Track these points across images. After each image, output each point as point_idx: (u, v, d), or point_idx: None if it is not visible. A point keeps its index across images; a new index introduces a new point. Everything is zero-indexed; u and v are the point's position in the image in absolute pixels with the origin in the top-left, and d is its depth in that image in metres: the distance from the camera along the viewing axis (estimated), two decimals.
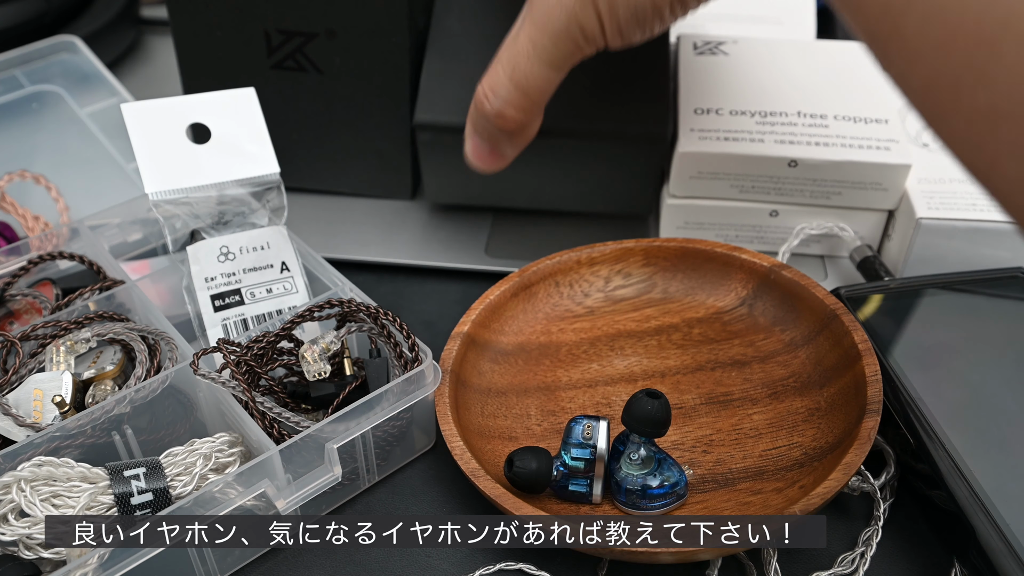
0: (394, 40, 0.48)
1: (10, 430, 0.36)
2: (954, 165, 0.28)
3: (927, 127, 0.25)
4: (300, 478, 0.35)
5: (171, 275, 0.44)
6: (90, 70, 0.56)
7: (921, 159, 0.47)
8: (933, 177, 0.47)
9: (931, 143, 0.49)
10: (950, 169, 0.47)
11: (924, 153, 0.48)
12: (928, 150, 0.48)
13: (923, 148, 0.48)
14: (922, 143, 0.49)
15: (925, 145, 0.49)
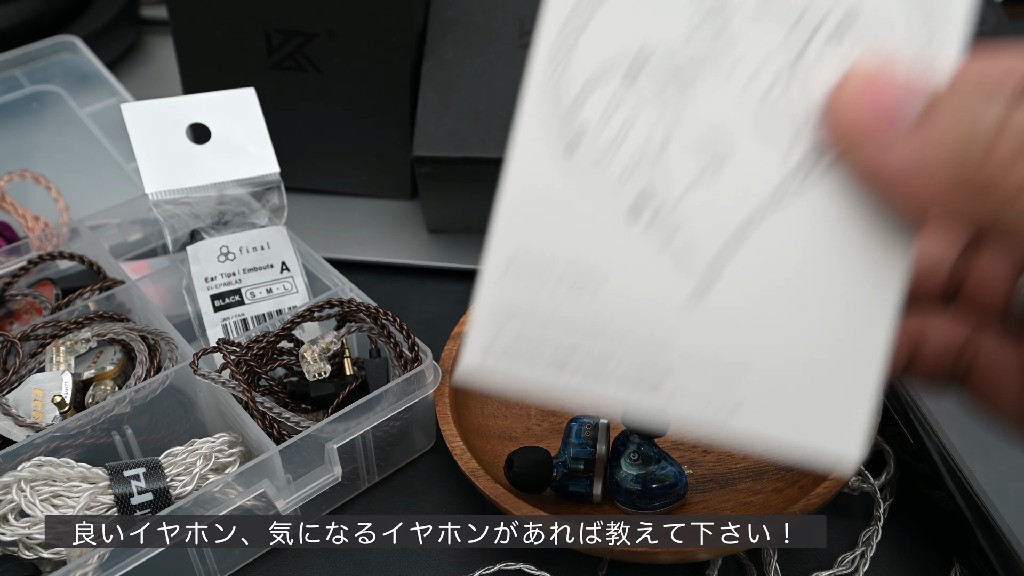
0: (394, 40, 0.48)
1: (10, 430, 0.36)
2: None
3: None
4: (300, 478, 0.35)
5: (171, 275, 0.44)
6: (90, 70, 0.56)
7: None
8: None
9: None
10: None
11: None
12: None
13: None
14: None
15: None
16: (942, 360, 0.28)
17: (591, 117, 0.24)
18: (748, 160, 0.23)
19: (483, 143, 0.46)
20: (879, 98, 0.21)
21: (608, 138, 0.24)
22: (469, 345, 0.24)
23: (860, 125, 0.22)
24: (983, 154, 0.20)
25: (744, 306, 0.24)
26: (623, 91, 0.24)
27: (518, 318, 0.24)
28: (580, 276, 0.24)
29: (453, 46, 0.49)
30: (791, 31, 0.23)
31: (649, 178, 0.24)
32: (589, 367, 0.24)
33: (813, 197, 0.23)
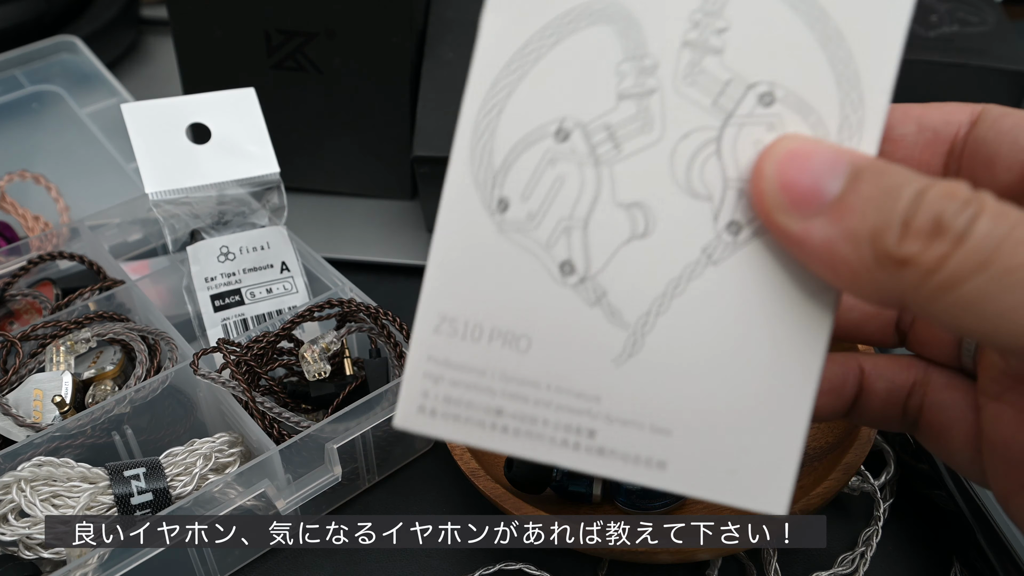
0: (394, 40, 0.48)
1: (10, 430, 0.36)
2: None
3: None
4: (300, 478, 0.35)
5: (171, 275, 0.44)
6: (90, 70, 0.56)
7: None
8: None
9: None
10: None
11: None
12: None
13: None
14: None
15: None
16: (890, 403, 0.28)
17: (520, 178, 0.24)
18: (679, 219, 0.24)
19: None
20: (801, 173, 0.22)
21: (538, 199, 0.24)
22: (402, 398, 0.25)
23: (783, 199, 0.22)
24: (901, 229, 0.20)
25: (672, 362, 0.24)
26: (552, 153, 0.24)
27: (449, 374, 0.25)
28: (511, 333, 0.24)
29: (453, 46, 0.49)
30: (717, 98, 0.24)
31: (580, 237, 0.24)
32: (519, 423, 0.24)
33: (742, 256, 0.24)
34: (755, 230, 0.24)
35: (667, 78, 0.24)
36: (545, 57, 0.24)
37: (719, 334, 0.24)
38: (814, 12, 0.23)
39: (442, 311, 0.25)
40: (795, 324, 0.24)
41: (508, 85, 0.24)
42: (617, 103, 0.24)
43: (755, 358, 0.24)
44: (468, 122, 0.25)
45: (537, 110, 0.24)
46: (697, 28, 0.23)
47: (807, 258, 0.22)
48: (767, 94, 0.23)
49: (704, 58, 0.23)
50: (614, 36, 0.24)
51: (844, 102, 0.23)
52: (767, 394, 0.24)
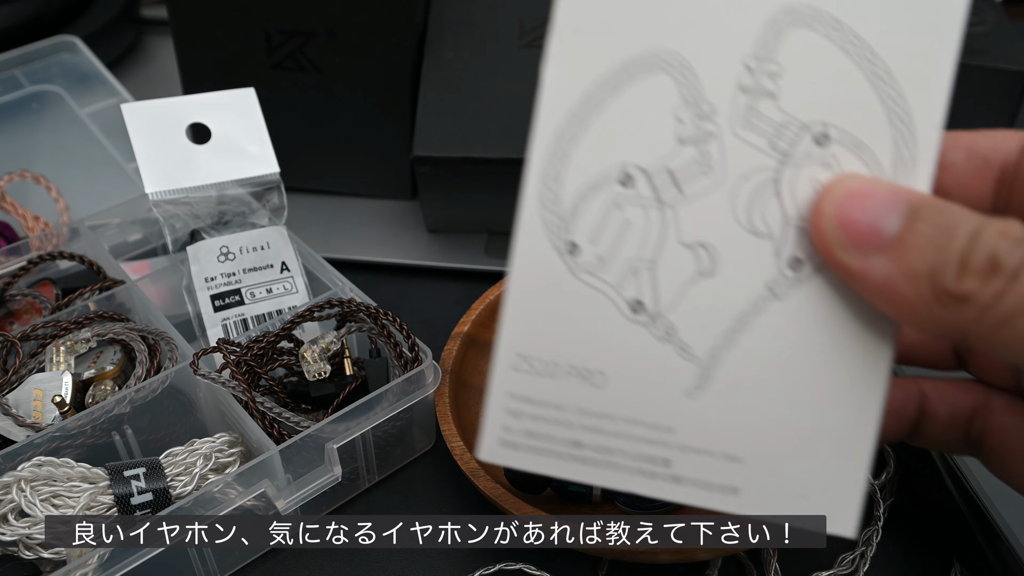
0: (394, 40, 0.48)
1: (10, 430, 0.36)
2: None
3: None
4: (300, 478, 0.35)
5: (171, 275, 0.44)
6: (90, 70, 0.56)
7: None
8: None
9: None
10: None
11: None
12: None
13: None
14: None
15: None
16: (952, 427, 0.29)
17: (588, 223, 0.25)
18: (742, 257, 0.25)
19: (483, 143, 0.46)
20: (860, 212, 0.23)
21: (606, 241, 0.25)
22: (484, 433, 0.26)
23: (842, 236, 0.23)
24: (959, 267, 0.21)
25: (741, 393, 0.25)
26: (618, 197, 0.25)
27: (529, 409, 0.26)
28: (586, 369, 0.25)
29: (453, 46, 0.49)
30: (774, 140, 0.24)
31: (648, 276, 0.25)
32: (597, 454, 0.25)
33: (805, 290, 0.25)
34: (816, 266, 0.24)
35: (724, 122, 0.24)
36: (606, 106, 0.25)
37: (785, 365, 0.25)
38: (864, 53, 0.24)
39: (520, 350, 0.26)
40: (858, 353, 0.24)
41: (572, 134, 0.25)
42: (678, 148, 0.25)
43: (821, 387, 0.25)
44: (536, 170, 0.25)
45: (601, 157, 0.25)
46: (751, 74, 0.24)
47: (867, 293, 0.23)
48: (822, 134, 0.24)
49: (759, 102, 0.24)
50: (671, 84, 0.24)
51: (897, 139, 0.24)
52: (834, 421, 0.25)
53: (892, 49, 0.24)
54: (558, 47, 0.25)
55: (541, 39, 0.49)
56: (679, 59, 0.24)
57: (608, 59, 0.25)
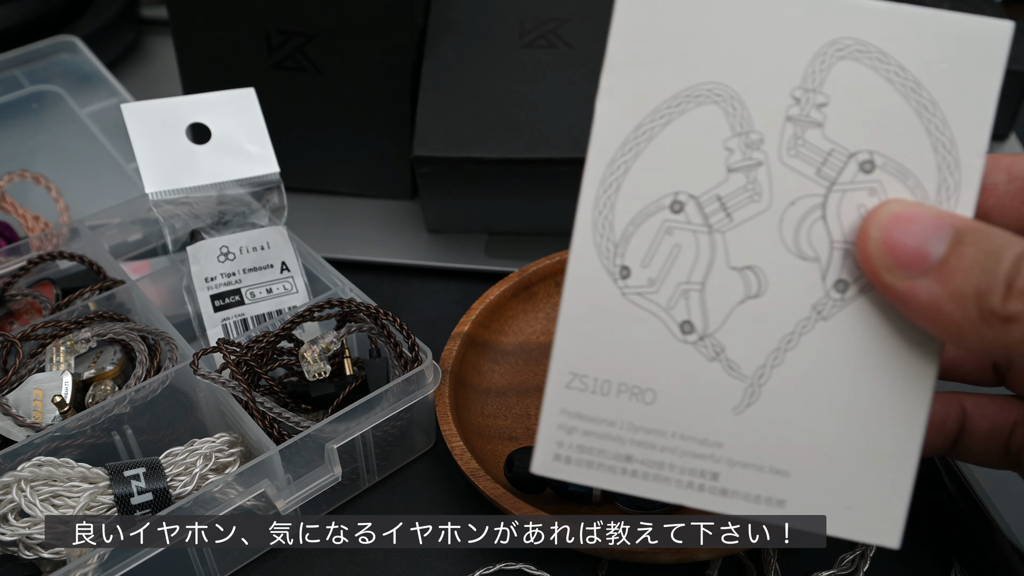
0: (394, 40, 0.48)
1: (10, 430, 0.36)
2: None
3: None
4: (300, 478, 0.35)
5: (171, 275, 0.44)
6: (90, 70, 0.56)
7: None
8: None
9: None
10: None
11: None
12: None
13: None
14: None
15: None
16: (992, 442, 0.29)
17: (640, 247, 0.26)
18: (789, 280, 0.26)
19: (483, 143, 0.46)
20: (906, 236, 0.23)
21: (657, 265, 0.26)
22: (538, 447, 0.27)
23: (889, 260, 0.24)
24: (1005, 288, 0.22)
25: (788, 410, 0.26)
26: (669, 223, 0.26)
27: (581, 425, 0.27)
28: (636, 387, 0.26)
29: (453, 46, 0.49)
30: (820, 167, 0.25)
31: (698, 299, 0.26)
32: (648, 468, 0.26)
33: (850, 311, 0.26)
34: (861, 287, 0.25)
35: (772, 151, 0.26)
36: (658, 136, 0.26)
37: (831, 383, 0.26)
38: (909, 83, 0.25)
39: (572, 368, 0.27)
40: (902, 371, 0.25)
41: (624, 163, 0.26)
42: (727, 176, 0.26)
43: (866, 403, 0.26)
44: (589, 197, 0.26)
45: (653, 185, 0.26)
46: (799, 104, 0.25)
47: (914, 314, 0.24)
48: (867, 162, 0.25)
49: (806, 131, 0.25)
50: (721, 114, 0.26)
51: (941, 166, 0.25)
52: (878, 436, 0.26)
53: (936, 79, 0.25)
54: (611, 80, 0.26)
55: (541, 39, 0.49)
56: (729, 91, 0.25)
57: (660, 92, 0.26)
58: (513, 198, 0.49)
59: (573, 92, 0.47)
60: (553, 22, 0.50)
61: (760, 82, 0.25)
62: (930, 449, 0.30)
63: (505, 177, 0.47)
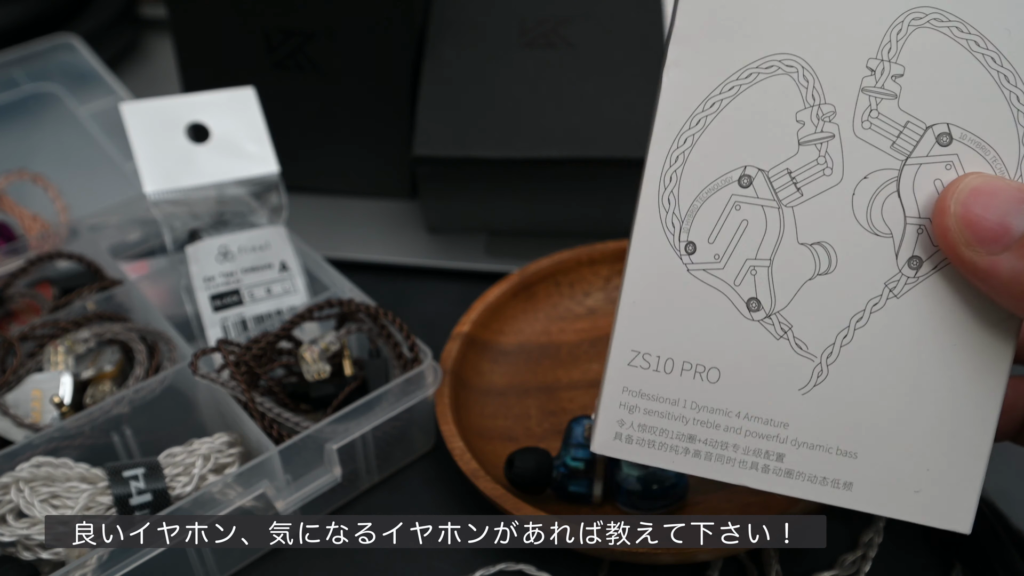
0: (394, 39, 0.48)
1: (9, 430, 0.36)
2: None
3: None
4: (300, 479, 0.35)
5: (170, 275, 0.44)
6: (89, 69, 0.55)
7: None
8: None
9: None
10: None
11: None
12: None
13: None
14: None
15: None
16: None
17: (707, 222, 0.26)
18: (861, 256, 0.25)
19: (483, 143, 0.46)
20: (986, 210, 0.23)
21: (724, 241, 0.26)
22: (599, 426, 0.26)
23: (968, 235, 0.23)
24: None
25: (857, 390, 0.25)
26: (737, 198, 0.25)
27: (644, 404, 0.26)
28: (701, 365, 0.26)
29: (453, 46, 0.49)
30: (895, 140, 0.25)
31: (765, 275, 0.26)
32: (711, 448, 0.26)
33: (923, 288, 0.25)
34: (936, 264, 0.25)
35: (846, 123, 0.25)
36: (726, 108, 0.25)
37: (902, 362, 0.25)
38: (990, 53, 0.24)
39: (635, 346, 0.26)
40: (977, 350, 0.25)
41: (692, 136, 0.25)
42: (797, 149, 0.25)
43: (938, 383, 0.25)
44: (654, 171, 0.26)
45: (721, 159, 0.25)
46: (873, 75, 0.24)
47: (994, 291, 0.23)
48: (945, 134, 0.24)
49: (881, 102, 0.25)
50: (792, 86, 0.25)
51: (1022, 138, 0.24)
52: (950, 418, 0.25)
53: (1018, 48, 0.24)
54: (678, 51, 0.25)
55: (541, 39, 0.49)
56: (800, 62, 0.25)
57: (729, 63, 0.25)
58: (513, 198, 0.49)
59: (573, 92, 0.47)
60: (553, 22, 0.50)
61: (833, 52, 0.24)
62: (998, 434, 0.30)
63: (505, 177, 0.47)
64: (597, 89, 0.46)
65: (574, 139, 0.46)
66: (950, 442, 0.25)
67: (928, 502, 0.25)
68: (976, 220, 0.23)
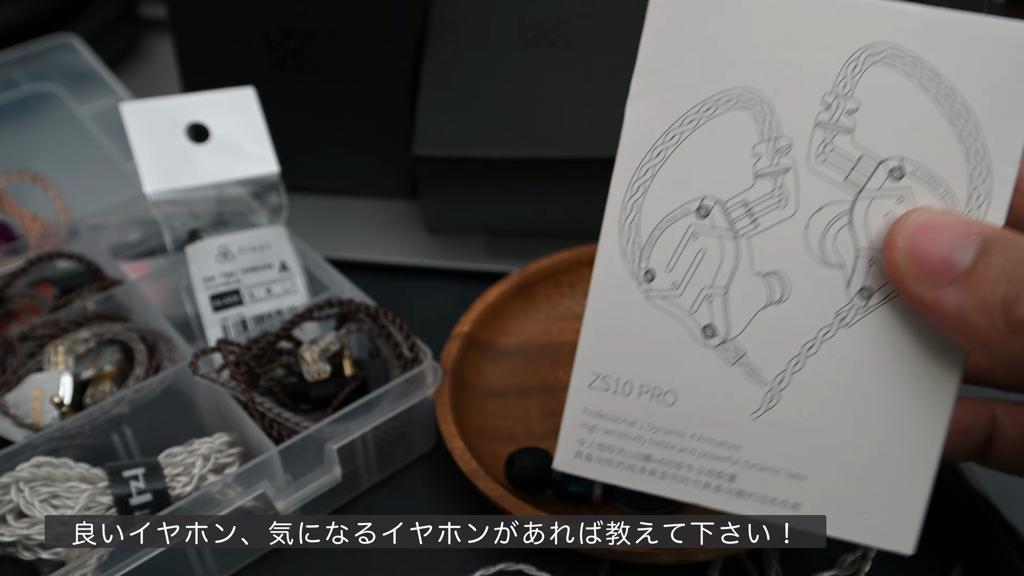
0: (394, 40, 0.48)
1: (9, 430, 0.36)
2: None
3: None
4: (300, 479, 0.35)
5: (170, 275, 0.44)
6: (89, 69, 0.55)
7: None
8: None
9: None
10: None
11: None
12: None
13: None
14: None
15: None
16: (1023, 450, 0.29)
17: (665, 251, 0.26)
18: (813, 286, 0.26)
19: (483, 143, 0.46)
20: (933, 244, 0.23)
21: (682, 269, 0.26)
22: (560, 445, 0.28)
23: (915, 269, 0.23)
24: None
25: (807, 415, 0.26)
26: (694, 228, 0.26)
27: (603, 424, 0.27)
28: (658, 388, 0.27)
29: (453, 46, 0.49)
30: (849, 173, 0.25)
31: (721, 303, 0.26)
32: (666, 468, 0.27)
33: (873, 318, 0.25)
34: (886, 295, 0.25)
35: (801, 157, 0.25)
36: (686, 141, 0.26)
37: (851, 389, 0.26)
38: (942, 90, 0.24)
39: (596, 369, 0.27)
40: (924, 379, 0.25)
41: (652, 167, 0.26)
42: (754, 181, 0.26)
43: (885, 410, 0.26)
44: (616, 201, 0.27)
45: (680, 190, 0.26)
46: (829, 110, 0.25)
47: (940, 324, 0.24)
48: (897, 169, 0.25)
49: (836, 137, 0.25)
50: (750, 120, 0.25)
51: (972, 174, 0.24)
52: (896, 444, 0.25)
53: (971, 85, 0.24)
54: (641, 84, 0.26)
55: (541, 39, 0.49)
56: (758, 96, 0.25)
57: (689, 96, 0.26)
58: (513, 198, 0.49)
59: (573, 92, 0.47)
60: (553, 22, 0.50)
61: (790, 87, 0.25)
62: (957, 455, 0.30)
63: (505, 177, 0.47)
64: (597, 89, 0.46)
65: (574, 139, 0.46)
66: (896, 467, 0.25)
67: (873, 523, 0.26)
68: (923, 254, 0.23)
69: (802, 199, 0.25)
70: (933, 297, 0.23)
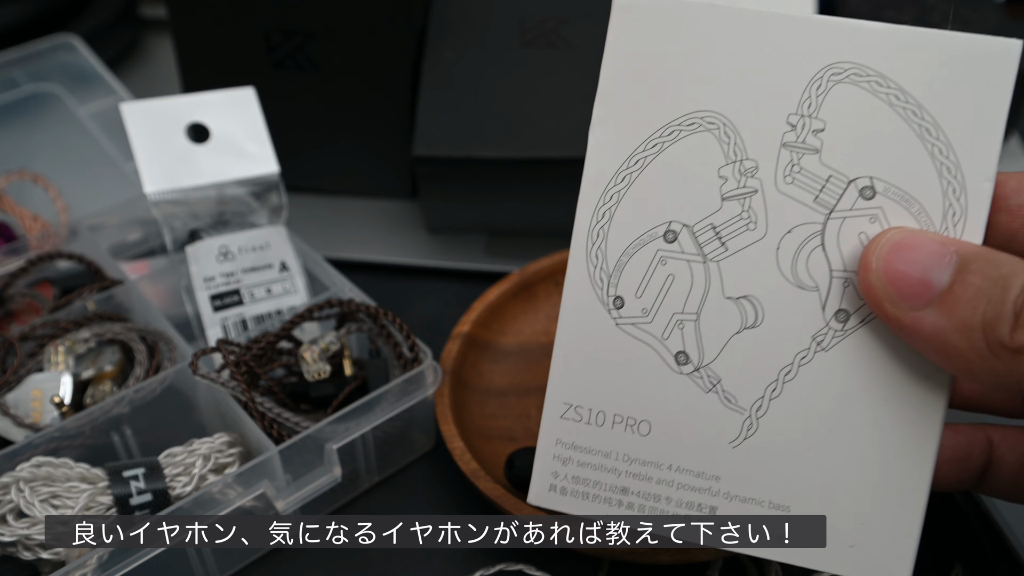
0: (394, 40, 0.48)
1: (9, 430, 0.36)
2: None
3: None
4: (300, 479, 0.35)
5: (170, 275, 0.44)
6: (89, 69, 0.55)
7: None
8: None
9: None
10: None
11: None
12: None
13: None
14: None
15: None
16: (1022, 475, 0.28)
17: (633, 277, 0.26)
18: (788, 310, 0.25)
19: (483, 143, 0.46)
20: (908, 265, 0.22)
21: (651, 295, 0.26)
22: (535, 478, 0.27)
23: (891, 291, 0.22)
24: (1013, 318, 0.20)
25: (788, 442, 0.25)
26: (662, 253, 0.26)
27: (577, 456, 0.26)
28: (632, 418, 0.26)
29: (453, 46, 0.49)
30: (818, 194, 0.25)
31: (693, 329, 0.26)
32: (644, 500, 0.26)
33: (852, 341, 0.25)
34: (863, 317, 0.24)
35: (768, 178, 0.25)
36: (650, 165, 0.25)
37: (833, 416, 0.25)
38: (910, 107, 0.24)
39: (568, 399, 0.26)
40: (908, 403, 0.24)
41: (617, 193, 0.26)
42: (721, 204, 0.25)
43: (870, 437, 0.25)
44: (582, 228, 0.26)
45: (646, 215, 0.26)
46: (794, 130, 0.25)
47: (920, 346, 0.23)
48: (868, 188, 0.24)
49: (803, 157, 0.25)
50: (714, 142, 0.25)
51: (946, 191, 0.24)
52: (883, 471, 0.25)
53: (939, 101, 0.24)
54: (603, 110, 0.25)
55: (541, 39, 0.49)
56: (722, 119, 0.25)
57: (652, 121, 0.25)
58: (513, 198, 0.49)
59: (573, 92, 0.47)
60: (553, 22, 0.50)
61: (754, 109, 0.25)
62: (953, 483, 0.28)
63: (505, 177, 0.47)
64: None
65: (574, 139, 0.46)
66: (884, 496, 0.25)
67: (864, 556, 0.25)
68: (898, 276, 0.22)
69: (771, 221, 0.25)
70: (911, 319, 0.22)
